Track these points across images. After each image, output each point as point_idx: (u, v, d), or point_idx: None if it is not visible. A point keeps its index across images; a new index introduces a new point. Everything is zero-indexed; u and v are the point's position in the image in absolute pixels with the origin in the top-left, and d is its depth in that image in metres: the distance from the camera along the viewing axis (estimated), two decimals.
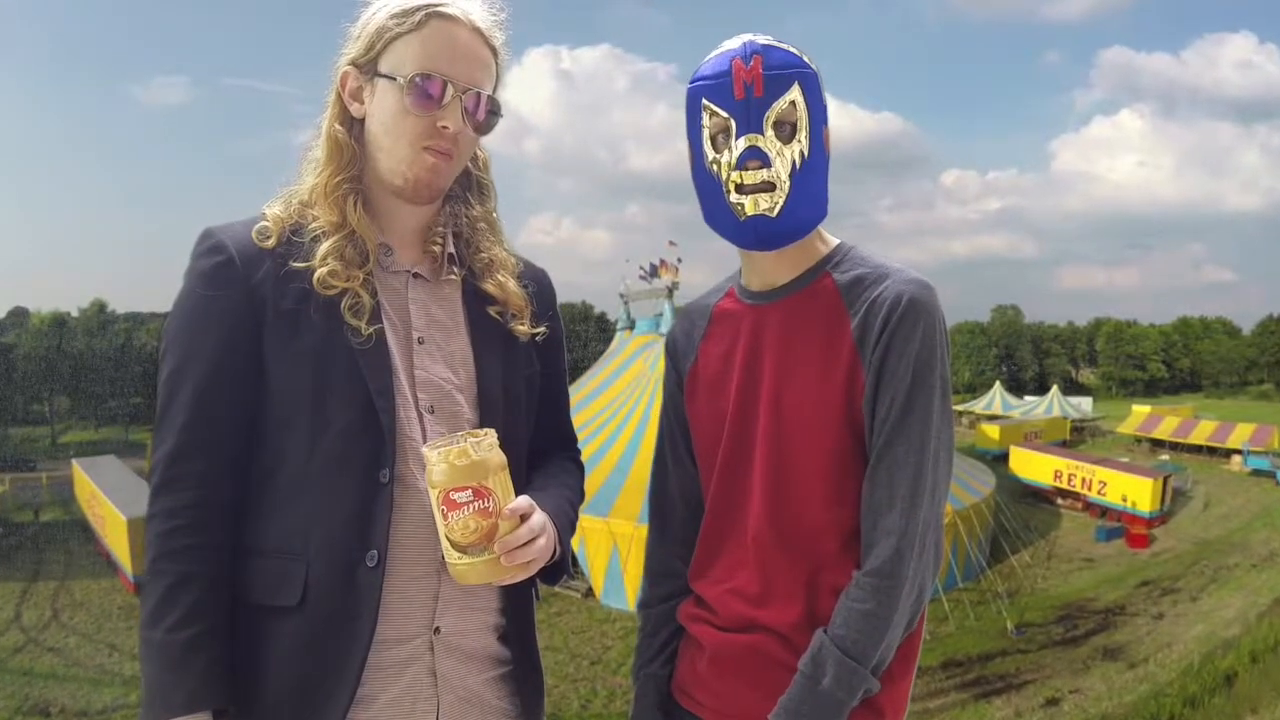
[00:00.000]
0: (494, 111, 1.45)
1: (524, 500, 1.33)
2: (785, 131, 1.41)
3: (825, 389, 1.43)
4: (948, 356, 1.43)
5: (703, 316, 1.65)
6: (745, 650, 1.50)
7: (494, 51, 1.43)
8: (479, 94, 1.41)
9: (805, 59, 1.44)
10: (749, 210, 1.43)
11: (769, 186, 1.41)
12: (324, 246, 1.36)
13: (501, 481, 1.30)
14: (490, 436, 1.30)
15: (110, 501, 20.85)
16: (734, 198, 1.44)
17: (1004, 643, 17.21)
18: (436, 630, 1.40)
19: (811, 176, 1.44)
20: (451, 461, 1.25)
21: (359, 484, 1.33)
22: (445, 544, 1.28)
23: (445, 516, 1.26)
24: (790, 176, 1.42)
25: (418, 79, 1.35)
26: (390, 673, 1.36)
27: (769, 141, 1.41)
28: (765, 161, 1.41)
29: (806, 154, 1.42)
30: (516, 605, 1.50)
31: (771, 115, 1.40)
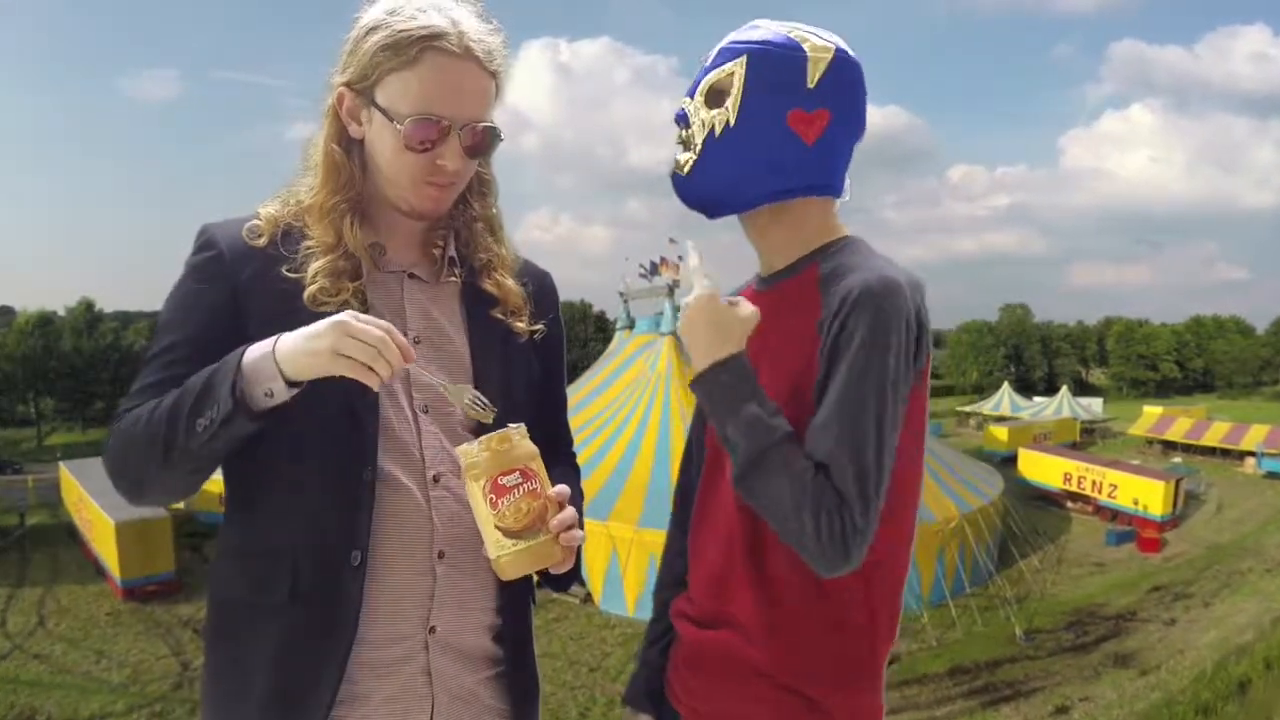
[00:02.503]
0: (495, 138, 1.43)
1: (563, 486, 1.36)
2: (714, 98, 1.47)
3: (786, 376, 1.43)
4: (904, 353, 1.35)
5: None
6: (713, 649, 1.52)
7: (493, 74, 1.39)
8: (477, 127, 1.38)
9: (795, 40, 1.45)
10: (674, 166, 1.54)
11: (686, 146, 1.51)
12: (316, 265, 1.37)
13: (540, 466, 1.33)
14: (523, 427, 1.33)
15: (98, 505, 20.77)
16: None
17: (1012, 649, 17.22)
18: (432, 629, 1.40)
19: (733, 146, 1.46)
20: (494, 448, 1.28)
21: (342, 483, 1.34)
22: (494, 536, 1.29)
23: (495, 505, 1.28)
24: (704, 141, 1.47)
25: (414, 122, 1.33)
26: (383, 671, 1.37)
27: (697, 106, 1.49)
28: (686, 123, 1.50)
29: (732, 123, 1.45)
30: (513, 606, 1.50)
31: (707, 83, 1.47)
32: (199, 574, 20.82)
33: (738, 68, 1.45)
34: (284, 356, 1.23)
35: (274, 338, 1.25)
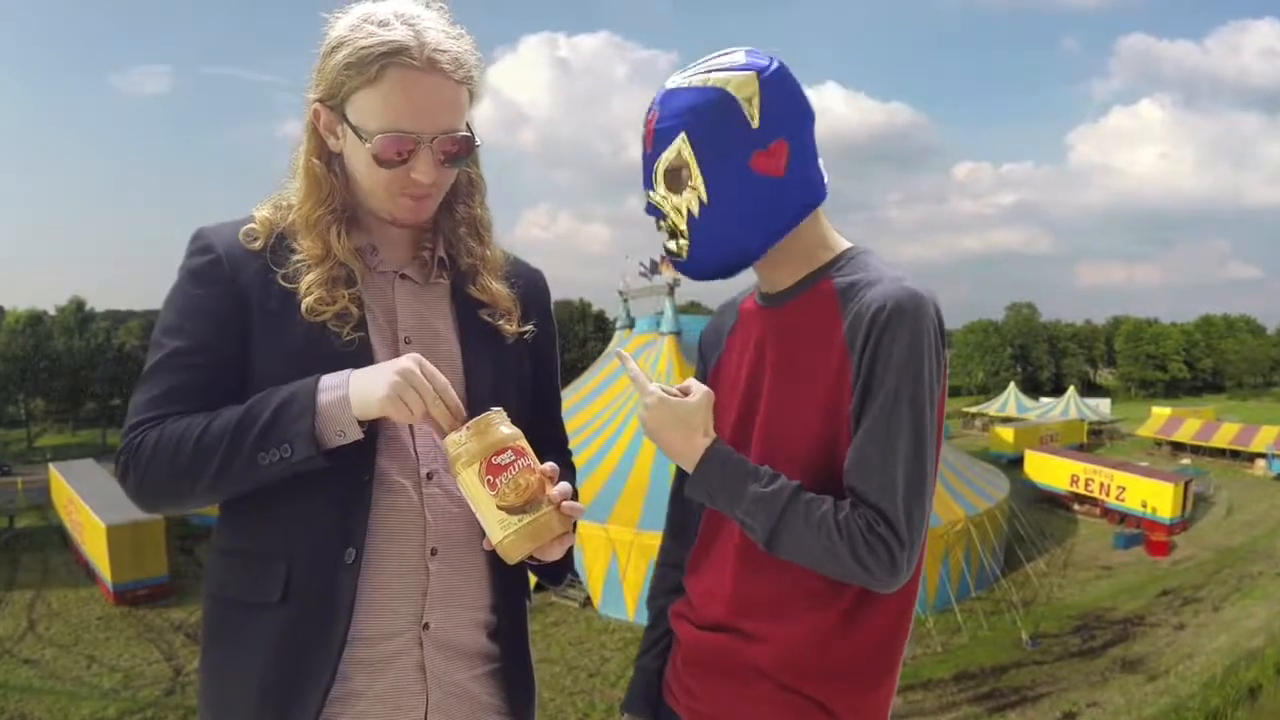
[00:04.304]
0: (470, 146, 1.44)
1: (550, 464, 1.39)
2: (675, 181, 1.46)
3: (814, 391, 1.44)
4: (937, 367, 1.40)
5: (732, 313, 1.71)
6: (714, 650, 1.53)
7: (462, 82, 1.38)
8: (450, 136, 1.39)
9: (720, 88, 1.42)
10: (671, 250, 1.52)
11: (674, 234, 1.50)
12: (309, 277, 1.38)
13: (527, 444, 1.35)
14: (502, 411, 1.35)
15: (89, 507, 20.79)
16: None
17: (1019, 654, 17.10)
18: (425, 626, 1.42)
19: (716, 219, 1.46)
20: (481, 431, 1.30)
21: (339, 483, 1.35)
22: (496, 517, 1.30)
23: (493, 485, 1.29)
24: (687, 225, 1.47)
25: (383, 139, 1.34)
26: (377, 668, 1.38)
27: (663, 196, 1.48)
28: (660, 214, 1.50)
29: (705, 199, 1.44)
30: (508, 603, 1.53)
31: (659, 168, 1.46)
32: (191, 577, 20.97)
33: (682, 145, 1.43)
34: (355, 400, 1.29)
35: (346, 378, 1.31)
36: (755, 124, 1.43)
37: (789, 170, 1.46)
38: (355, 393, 1.29)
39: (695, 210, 1.45)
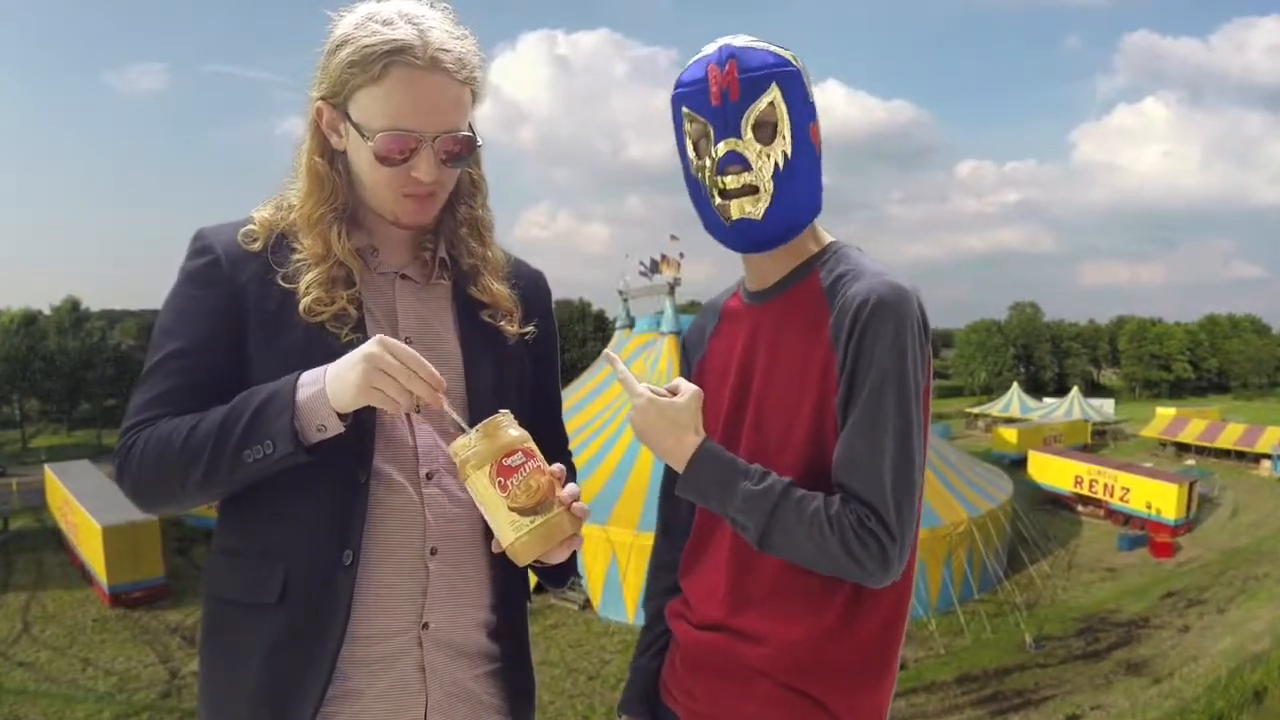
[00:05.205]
0: (472, 146, 1.44)
1: (558, 465, 1.38)
2: (765, 133, 1.45)
3: (802, 386, 1.46)
4: (921, 361, 1.41)
5: (715, 313, 1.72)
6: (713, 649, 1.54)
7: (465, 83, 1.39)
8: (453, 136, 1.39)
9: (787, 58, 1.46)
10: (734, 215, 1.48)
11: (752, 190, 1.46)
12: (308, 277, 1.39)
13: (535, 446, 1.34)
14: (509, 413, 1.34)
15: (84, 508, 20.77)
16: (718, 203, 1.48)
17: (1022, 657, 17.08)
18: (425, 625, 1.42)
19: (797, 177, 1.47)
20: (490, 434, 1.30)
21: (336, 484, 1.36)
22: (508, 519, 1.30)
23: (504, 487, 1.29)
24: (773, 179, 1.45)
25: (384, 136, 1.35)
26: (377, 667, 1.39)
27: (748, 144, 1.45)
28: (746, 165, 1.45)
29: (790, 154, 1.45)
30: (508, 603, 1.53)
31: (750, 118, 1.44)
32: (188, 579, 20.96)
33: (774, 95, 1.43)
34: (332, 394, 1.28)
35: (323, 372, 1.30)
36: (811, 97, 1.50)
37: (821, 151, 1.52)
38: (331, 387, 1.29)
39: (780, 164, 1.45)
